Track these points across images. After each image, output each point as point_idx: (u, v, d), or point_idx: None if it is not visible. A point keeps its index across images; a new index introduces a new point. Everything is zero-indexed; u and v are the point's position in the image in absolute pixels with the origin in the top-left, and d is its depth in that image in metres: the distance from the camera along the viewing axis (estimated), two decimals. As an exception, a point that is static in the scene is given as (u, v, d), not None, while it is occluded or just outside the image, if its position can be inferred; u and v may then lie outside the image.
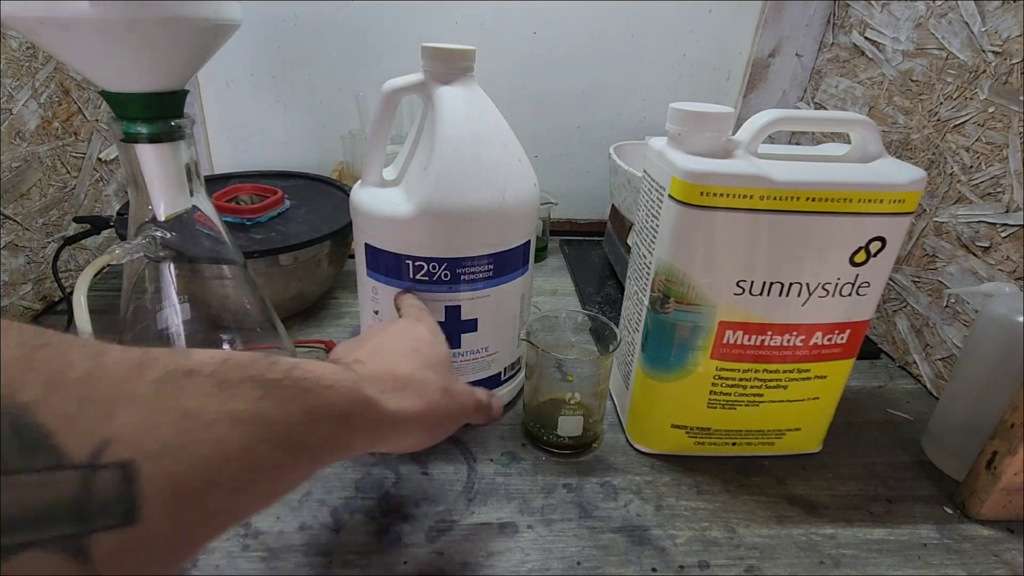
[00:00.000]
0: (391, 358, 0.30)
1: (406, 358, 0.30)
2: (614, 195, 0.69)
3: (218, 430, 0.19)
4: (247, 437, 0.20)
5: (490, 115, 0.41)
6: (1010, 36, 0.48)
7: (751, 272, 0.38)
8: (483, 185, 0.39)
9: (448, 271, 0.40)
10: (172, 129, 0.36)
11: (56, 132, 0.60)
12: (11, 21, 0.30)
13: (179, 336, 0.43)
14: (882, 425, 0.51)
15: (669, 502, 0.41)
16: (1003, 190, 0.48)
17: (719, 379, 0.42)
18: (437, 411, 0.30)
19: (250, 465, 0.20)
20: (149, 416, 0.17)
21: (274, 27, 0.74)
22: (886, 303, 0.61)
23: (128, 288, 0.42)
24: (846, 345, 0.41)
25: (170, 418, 0.18)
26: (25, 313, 0.58)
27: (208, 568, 0.34)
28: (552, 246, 0.83)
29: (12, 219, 0.55)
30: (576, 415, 0.43)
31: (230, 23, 0.36)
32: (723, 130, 0.37)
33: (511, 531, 0.38)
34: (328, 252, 0.58)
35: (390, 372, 0.28)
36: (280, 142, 0.82)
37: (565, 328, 0.47)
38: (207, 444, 0.18)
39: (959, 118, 0.52)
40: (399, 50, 0.76)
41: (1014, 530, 0.40)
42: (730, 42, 0.78)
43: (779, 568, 0.37)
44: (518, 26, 0.75)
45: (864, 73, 0.66)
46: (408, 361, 0.30)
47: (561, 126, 0.82)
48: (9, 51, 0.54)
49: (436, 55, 0.39)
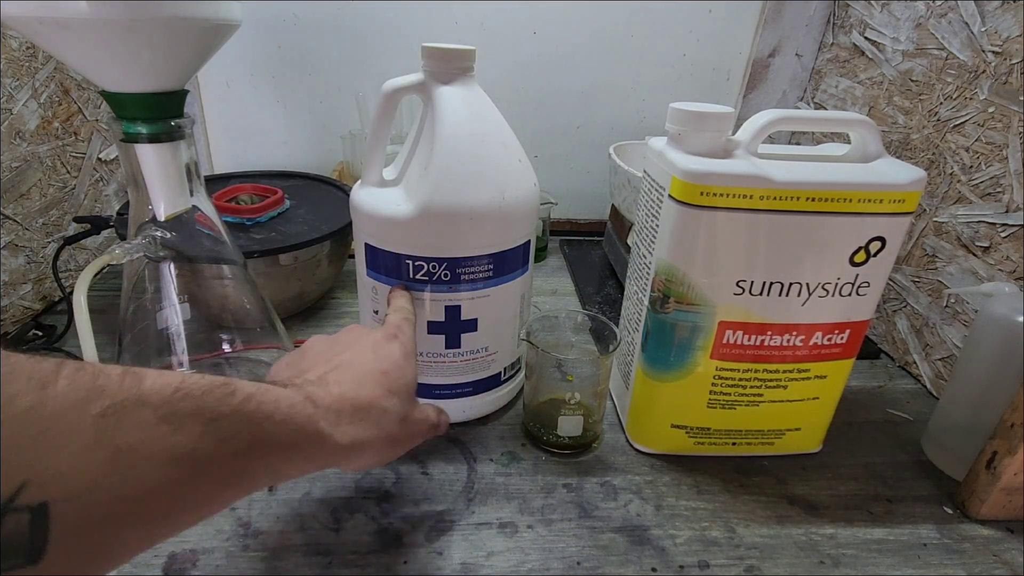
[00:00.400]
0: (357, 379, 0.30)
1: (372, 381, 0.30)
2: (614, 195, 0.69)
3: (149, 467, 0.19)
4: (179, 474, 0.20)
5: (490, 115, 0.41)
6: (1010, 36, 0.48)
7: (751, 272, 0.38)
8: (483, 185, 0.39)
9: (448, 271, 0.40)
10: (172, 129, 0.36)
11: (56, 132, 0.60)
12: (11, 21, 0.30)
13: (179, 336, 0.43)
14: (882, 425, 0.51)
15: (669, 502, 0.41)
16: (1003, 190, 0.48)
17: (719, 379, 0.42)
18: (390, 439, 0.31)
19: (177, 500, 0.21)
20: (79, 455, 0.17)
21: (274, 27, 0.74)
22: (886, 303, 0.61)
23: (128, 288, 0.42)
24: (846, 345, 0.41)
25: (101, 455, 0.18)
26: (25, 313, 0.58)
27: (208, 568, 0.34)
28: (552, 246, 0.83)
29: (12, 219, 0.55)
30: (576, 415, 0.43)
31: (230, 23, 0.36)
32: (723, 130, 0.37)
33: (511, 531, 0.38)
34: (328, 252, 0.58)
35: (351, 399, 0.28)
36: (280, 142, 0.82)
37: (565, 328, 0.47)
38: (134, 481, 0.19)
39: (959, 118, 0.52)
40: (399, 50, 0.76)
41: (1014, 530, 0.40)
42: (730, 42, 0.78)
43: (779, 568, 0.37)
44: (518, 26, 0.75)
45: (864, 73, 0.66)
46: (373, 385, 0.30)
47: (561, 126, 0.82)
48: (9, 51, 0.54)
49: (436, 55, 0.39)
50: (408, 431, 0.32)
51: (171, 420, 0.20)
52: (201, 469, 0.21)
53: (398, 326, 0.35)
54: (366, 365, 0.31)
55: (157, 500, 0.20)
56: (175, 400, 0.20)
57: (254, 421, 0.23)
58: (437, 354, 0.43)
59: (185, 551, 0.35)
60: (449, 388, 0.45)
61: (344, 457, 0.28)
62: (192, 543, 0.36)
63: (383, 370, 0.31)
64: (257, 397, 0.23)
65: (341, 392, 0.28)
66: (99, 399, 0.18)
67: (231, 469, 0.22)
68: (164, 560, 0.35)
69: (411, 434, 0.33)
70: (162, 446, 0.20)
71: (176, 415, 0.20)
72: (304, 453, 0.26)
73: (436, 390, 0.45)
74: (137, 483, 0.19)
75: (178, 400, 0.20)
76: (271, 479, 0.25)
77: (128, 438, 0.19)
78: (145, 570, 0.34)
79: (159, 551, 0.35)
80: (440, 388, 0.45)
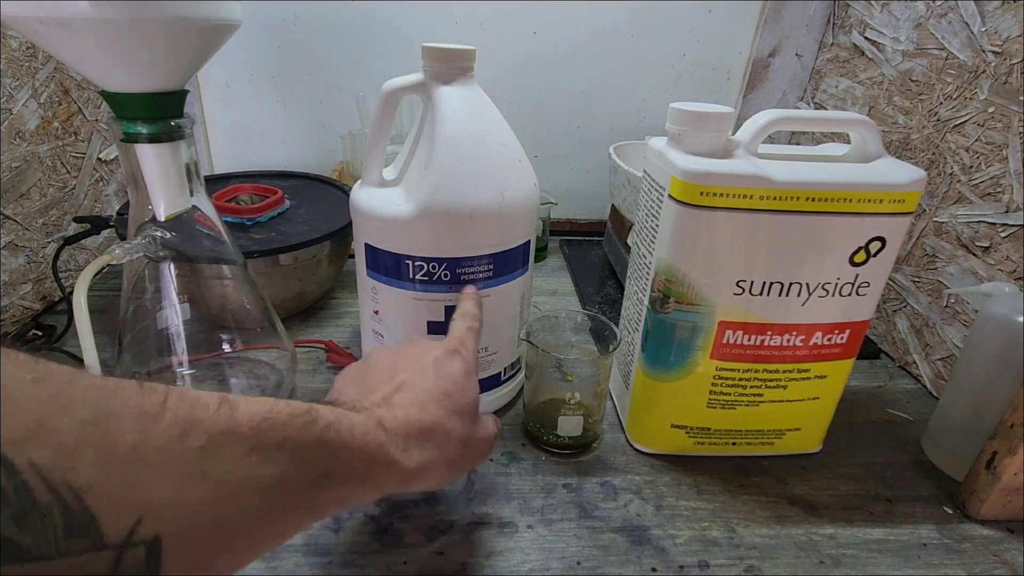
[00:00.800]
0: (420, 402, 0.29)
1: (435, 402, 0.30)
2: (614, 195, 0.69)
3: (243, 498, 0.20)
4: (266, 503, 0.21)
5: (490, 115, 0.41)
6: (1010, 36, 0.48)
7: (751, 272, 0.38)
8: (483, 185, 0.39)
9: (448, 271, 0.40)
10: (172, 129, 0.36)
11: (56, 132, 0.60)
12: (11, 21, 0.30)
13: (179, 336, 0.43)
14: (882, 425, 0.51)
15: (669, 502, 0.41)
16: (1003, 190, 0.48)
17: (719, 379, 0.42)
18: (453, 461, 0.30)
19: (264, 528, 0.21)
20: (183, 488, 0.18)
21: (274, 27, 0.74)
22: (886, 303, 0.61)
23: (128, 288, 0.42)
24: (846, 345, 0.41)
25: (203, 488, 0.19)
26: (25, 313, 0.58)
27: (208, 568, 0.34)
28: (552, 246, 0.83)
29: (12, 219, 0.55)
30: (576, 415, 0.43)
31: (230, 23, 0.36)
32: (723, 130, 0.37)
33: (511, 531, 0.38)
34: (328, 252, 0.58)
35: (416, 423, 0.28)
36: (280, 142, 0.82)
37: (565, 328, 0.47)
38: (230, 514, 0.19)
39: (959, 118, 0.52)
40: (399, 50, 0.76)
41: (1014, 530, 0.40)
42: (730, 42, 0.78)
43: (779, 568, 0.37)
44: (518, 26, 0.75)
45: (864, 73, 0.66)
46: (436, 407, 0.30)
47: (561, 126, 0.82)
48: (9, 51, 0.54)
49: (436, 55, 0.39)
50: (471, 450, 0.32)
51: (259, 451, 0.20)
52: (284, 498, 0.21)
53: (461, 340, 0.34)
54: (428, 385, 0.30)
55: (247, 529, 0.20)
56: (263, 431, 0.21)
57: (331, 450, 0.23)
58: (437, 354, 0.43)
59: (185, 551, 0.35)
60: (449, 388, 0.45)
61: (410, 482, 0.28)
62: (192, 543, 0.36)
63: (445, 391, 0.31)
64: (336, 426, 0.24)
65: (406, 416, 0.28)
66: (197, 432, 0.19)
67: (308, 498, 0.23)
68: (164, 560, 0.35)
69: (474, 452, 0.33)
70: (251, 476, 0.20)
71: (264, 446, 0.21)
72: (374, 480, 0.26)
73: (436, 390, 0.45)
74: (232, 515, 0.19)
75: (266, 430, 0.21)
76: (341, 505, 0.25)
77: (223, 470, 0.19)
78: (145, 570, 0.34)
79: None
80: (440, 388, 0.45)
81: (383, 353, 0.34)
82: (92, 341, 0.35)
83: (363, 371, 0.33)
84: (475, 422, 0.33)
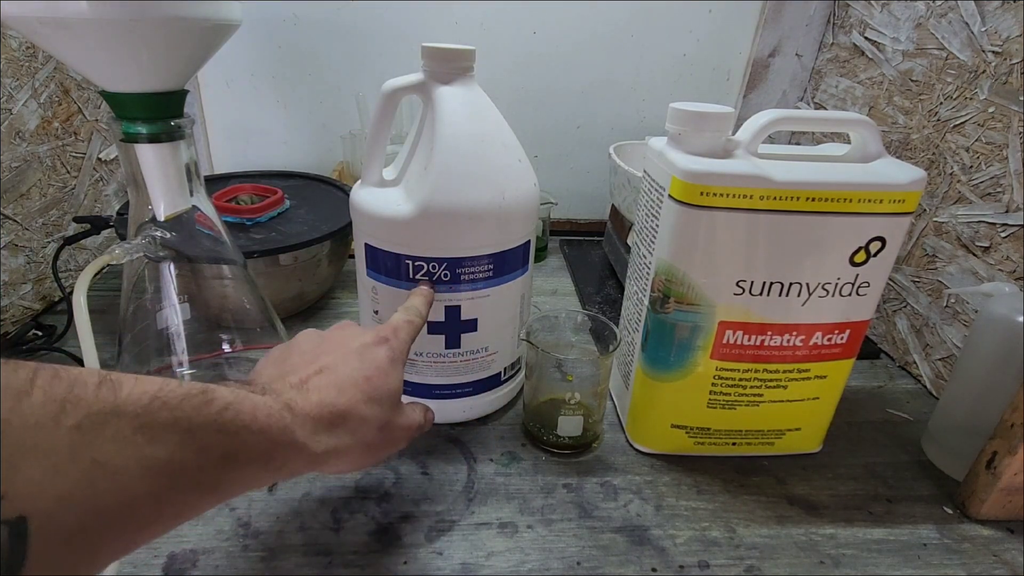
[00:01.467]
0: (338, 385, 0.29)
1: (353, 386, 0.30)
2: (614, 195, 0.69)
3: (126, 479, 0.19)
4: (156, 485, 0.20)
5: (490, 115, 0.41)
6: (1010, 36, 0.48)
7: (751, 272, 0.38)
8: (483, 185, 0.39)
9: (448, 271, 0.40)
10: (172, 129, 0.36)
11: (56, 132, 0.60)
12: (11, 21, 0.30)
13: (179, 336, 0.43)
14: (882, 425, 0.51)
15: (669, 502, 0.41)
16: (1003, 190, 0.48)
17: (719, 379, 0.42)
18: (367, 446, 0.30)
19: (154, 510, 0.21)
20: (56, 468, 0.17)
21: (274, 27, 0.74)
22: (886, 303, 0.61)
23: (128, 288, 0.42)
24: (846, 345, 0.41)
25: (78, 468, 0.18)
26: (25, 313, 0.58)
27: (208, 568, 0.34)
28: (552, 246, 0.83)
29: (12, 219, 0.55)
30: (576, 415, 0.43)
31: (230, 23, 0.36)
32: (723, 130, 0.37)
33: (511, 531, 0.38)
34: (328, 252, 0.58)
35: (329, 407, 0.28)
36: (280, 142, 0.82)
37: (565, 328, 0.47)
38: (111, 494, 0.19)
39: (959, 118, 0.52)
40: (399, 50, 0.76)
41: (1014, 530, 0.40)
42: (730, 42, 0.78)
43: (779, 568, 0.37)
44: (518, 26, 0.75)
45: (864, 73, 0.66)
46: (353, 391, 0.29)
47: (561, 126, 0.82)
48: (9, 51, 0.54)
49: (436, 55, 0.39)
50: (389, 437, 0.32)
51: (147, 431, 0.20)
52: (177, 480, 0.21)
53: (395, 328, 0.34)
54: (349, 370, 0.30)
55: (133, 511, 0.20)
56: (152, 410, 0.20)
57: (230, 432, 0.23)
58: (437, 354, 0.43)
59: (185, 551, 0.35)
60: (449, 388, 0.45)
61: (319, 464, 0.28)
62: (192, 543, 0.36)
63: (366, 376, 0.30)
64: (235, 406, 0.23)
65: (320, 399, 0.28)
66: (74, 410, 0.18)
67: (207, 479, 0.22)
68: (164, 560, 0.35)
69: (392, 439, 0.32)
70: (137, 457, 0.19)
71: (152, 426, 0.20)
72: (279, 462, 0.25)
73: (436, 390, 0.45)
74: (113, 495, 0.19)
75: (155, 410, 0.20)
76: (246, 486, 0.25)
77: (103, 450, 0.18)
78: (145, 570, 0.34)
79: (159, 551, 0.35)
80: (440, 388, 0.45)
81: (309, 335, 0.34)
82: (92, 341, 0.35)
83: (286, 352, 0.33)
84: (395, 409, 0.32)
